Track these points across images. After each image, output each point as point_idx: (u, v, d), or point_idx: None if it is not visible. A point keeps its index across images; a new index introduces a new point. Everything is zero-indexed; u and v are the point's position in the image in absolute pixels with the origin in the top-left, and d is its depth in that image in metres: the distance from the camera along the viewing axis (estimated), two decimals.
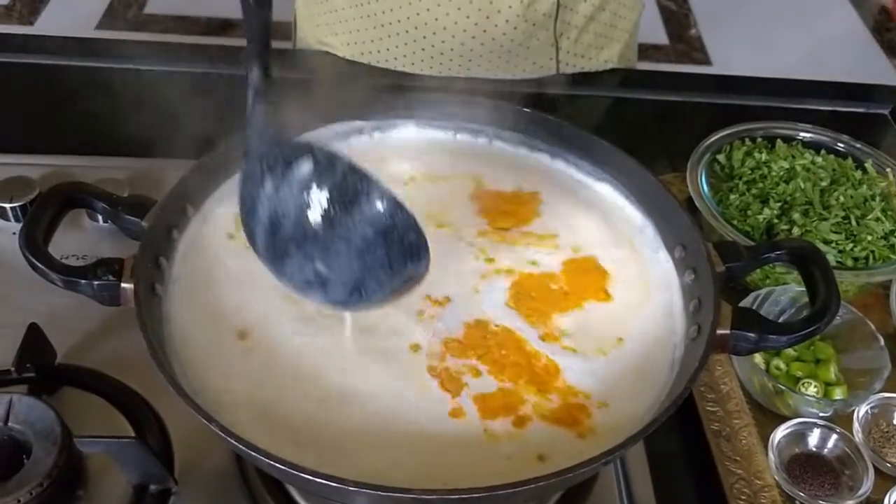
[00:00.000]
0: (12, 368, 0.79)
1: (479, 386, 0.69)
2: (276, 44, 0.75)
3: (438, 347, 0.72)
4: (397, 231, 0.61)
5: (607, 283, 0.77)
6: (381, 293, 0.64)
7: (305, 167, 0.61)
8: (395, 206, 0.60)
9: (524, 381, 0.70)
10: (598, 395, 0.70)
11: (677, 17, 3.40)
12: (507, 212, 0.84)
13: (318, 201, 0.61)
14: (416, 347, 0.71)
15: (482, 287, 0.77)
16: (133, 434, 0.77)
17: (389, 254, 0.61)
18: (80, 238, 0.96)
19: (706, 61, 3.18)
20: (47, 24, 3.07)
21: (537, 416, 0.68)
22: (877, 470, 0.81)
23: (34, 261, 0.66)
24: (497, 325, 0.74)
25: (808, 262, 0.72)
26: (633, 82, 1.33)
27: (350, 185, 0.60)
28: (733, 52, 3.15)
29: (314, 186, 0.61)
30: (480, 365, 0.71)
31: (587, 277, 0.78)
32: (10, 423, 0.72)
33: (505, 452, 0.65)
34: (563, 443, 0.66)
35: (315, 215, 0.61)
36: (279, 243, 0.63)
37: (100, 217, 0.95)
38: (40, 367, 0.81)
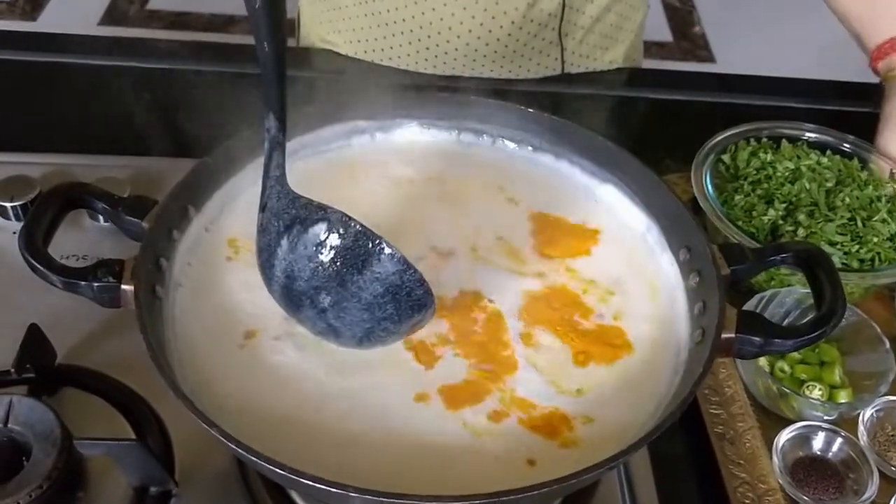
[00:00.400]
0: (12, 369, 0.79)
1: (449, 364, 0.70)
2: None
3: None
4: (405, 288, 0.63)
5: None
6: (388, 340, 0.67)
7: (320, 229, 0.62)
8: (404, 265, 0.62)
9: (476, 360, 0.70)
10: (576, 413, 0.68)
11: (681, 14, 3.39)
12: (557, 241, 0.81)
13: (330, 262, 0.62)
14: None
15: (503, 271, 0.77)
16: (133, 436, 0.77)
17: (398, 309, 0.64)
18: (81, 237, 0.95)
19: (710, 59, 3.17)
20: (50, 19, 3.07)
21: (517, 420, 0.67)
22: (882, 474, 0.80)
23: (34, 262, 0.65)
24: (490, 301, 0.74)
25: (813, 265, 0.71)
26: (637, 82, 1.32)
27: (361, 246, 0.62)
28: (737, 50, 3.14)
29: (327, 248, 0.62)
30: (451, 335, 0.71)
31: (607, 349, 0.73)
32: (9, 425, 0.72)
33: (492, 454, 0.65)
34: (548, 449, 0.66)
35: (328, 275, 0.63)
36: (294, 295, 0.65)
37: (101, 216, 0.94)
38: (40, 368, 0.80)
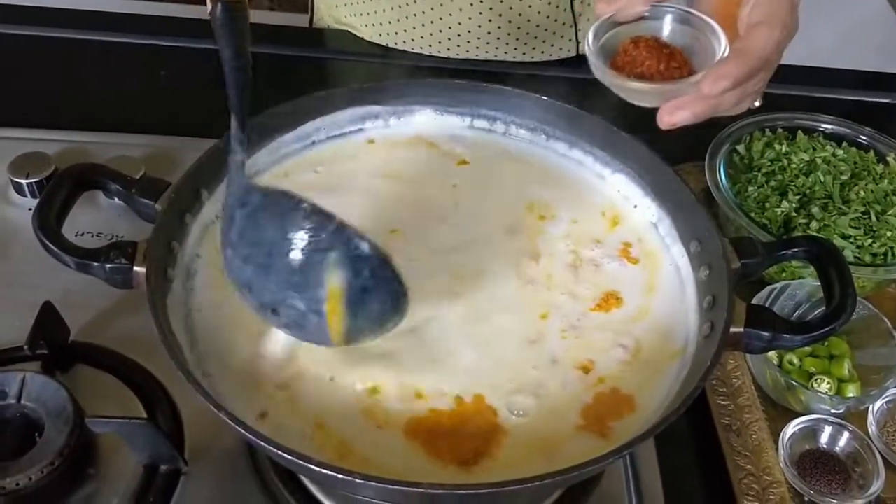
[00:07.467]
0: (26, 346, 0.79)
1: None
2: (293, 18, 0.75)
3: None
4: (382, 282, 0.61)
5: None
6: (367, 338, 0.65)
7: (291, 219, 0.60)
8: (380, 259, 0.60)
9: None
10: None
11: None
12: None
13: (301, 252, 0.60)
14: None
15: None
16: (144, 414, 0.78)
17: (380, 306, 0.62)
18: (97, 215, 0.96)
19: None
20: None
21: None
22: (889, 465, 0.81)
23: (47, 242, 0.66)
24: None
25: (825, 260, 0.71)
26: None
27: (341, 239, 0.59)
28: None
29: (297, 238, 0.60)
30: None
31: None
32: (23, 401, 0.73)
33: None
34: None
35: (298, 266, 0.60)
36: (264, 296, 0.63)
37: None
38: (54, 345, 0.81)
